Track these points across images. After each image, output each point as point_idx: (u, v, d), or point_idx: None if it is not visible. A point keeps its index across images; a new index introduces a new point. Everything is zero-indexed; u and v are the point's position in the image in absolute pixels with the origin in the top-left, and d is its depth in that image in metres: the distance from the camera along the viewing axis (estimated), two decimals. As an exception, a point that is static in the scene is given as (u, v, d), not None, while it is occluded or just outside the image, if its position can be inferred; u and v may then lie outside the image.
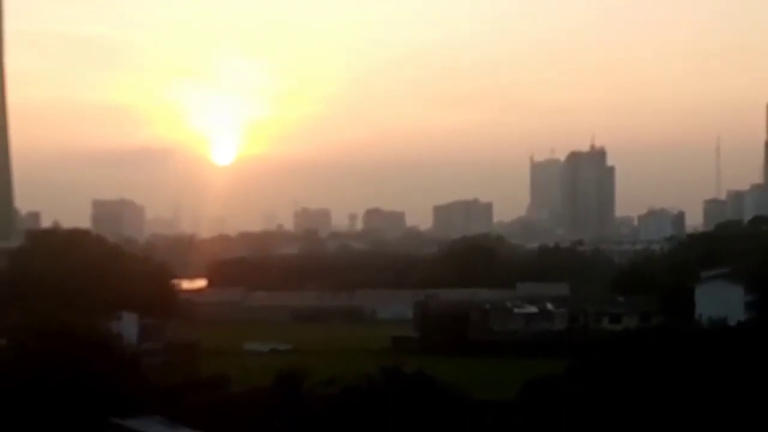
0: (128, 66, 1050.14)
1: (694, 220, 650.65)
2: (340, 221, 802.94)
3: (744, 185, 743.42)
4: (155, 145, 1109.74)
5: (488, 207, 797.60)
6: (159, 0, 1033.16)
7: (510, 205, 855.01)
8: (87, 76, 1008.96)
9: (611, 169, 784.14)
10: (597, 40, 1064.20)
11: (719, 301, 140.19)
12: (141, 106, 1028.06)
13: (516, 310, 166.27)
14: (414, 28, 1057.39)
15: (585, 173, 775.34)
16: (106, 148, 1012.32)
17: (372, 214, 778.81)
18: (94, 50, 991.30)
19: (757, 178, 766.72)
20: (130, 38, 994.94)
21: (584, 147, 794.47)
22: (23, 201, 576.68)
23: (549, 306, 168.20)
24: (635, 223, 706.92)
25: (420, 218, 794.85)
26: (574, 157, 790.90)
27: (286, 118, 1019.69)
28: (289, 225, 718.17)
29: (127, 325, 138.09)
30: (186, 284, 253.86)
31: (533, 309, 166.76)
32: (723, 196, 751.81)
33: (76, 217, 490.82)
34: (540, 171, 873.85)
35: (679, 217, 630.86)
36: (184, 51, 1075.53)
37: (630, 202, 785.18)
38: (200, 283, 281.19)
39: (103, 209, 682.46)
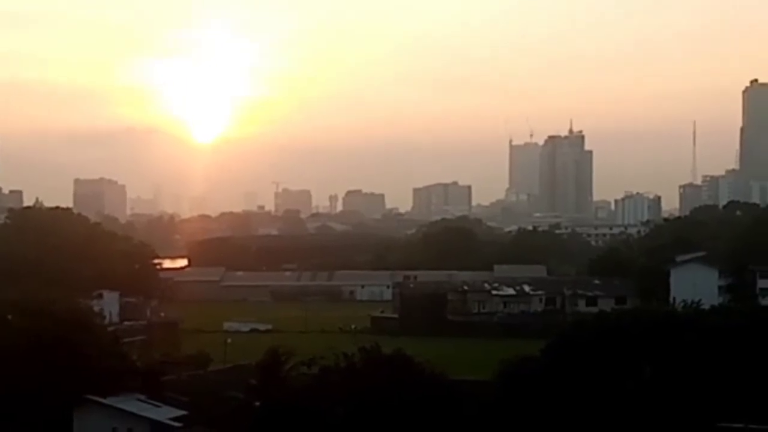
0: (111, 46, 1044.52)
1: (671, 205, 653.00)
2: (320, 202, 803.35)
3: (720, 171, 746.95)
4: (138, 126, 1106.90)
5: (467, 190, 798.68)
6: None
7: (488, 188, 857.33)
8: (70, 56, 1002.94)
9: (589, 154, 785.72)
10: (575, 27, 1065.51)
11: (694, 284, 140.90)
12: (124, 87, 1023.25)
13: (494, 292, 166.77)
14: (395, 17, 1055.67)
15: (563, 157, 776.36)
16: (89, 128, 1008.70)
17: (352, 195, 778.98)
18: (77, 30, 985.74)
19: (733, 164, 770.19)
20: (113, 18, 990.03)
21: (563, 131, 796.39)
22: (5, 180, 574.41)
23: (526, 288, 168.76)
24: (612, 207, 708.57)
25: (399, 200, 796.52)
26: (553, 141, 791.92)
27: (268, 99, 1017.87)
28: (270, 206, 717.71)
29: (109, 304, 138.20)
30: (167, 263, 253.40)
31: (511, 291, 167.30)
32: (699, 181, 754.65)
33: (58, 196, 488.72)
34: (518, 154, 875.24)
35: (656, 202, 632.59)
36: (168, 31, 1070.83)
37: (607, 186, 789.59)
38: (181, 262, 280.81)
39: (84, 188, 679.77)
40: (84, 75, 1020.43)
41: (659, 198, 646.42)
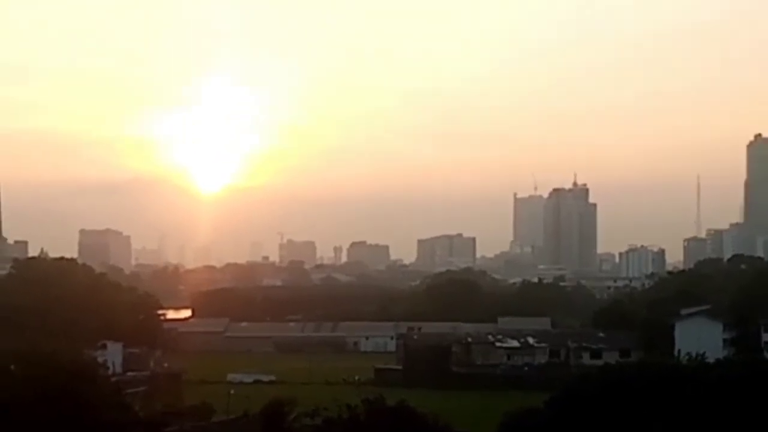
0: (117, 97, 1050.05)
1: (675, 258, 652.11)
2: (325, 254, 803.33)
3: (724, 224, 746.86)
4: (144, 176, 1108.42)
5: (471, 242, 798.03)
6: (147, 31, 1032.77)
7: (493, 240, 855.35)
8: (76, 107, 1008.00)
9: (593, 206, 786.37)
10: (579, 81, 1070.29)
11: (699, 337, 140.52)
12: (130, 137, 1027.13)
13: (498, 344, 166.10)
14: (399, 71, 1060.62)
15: (567, 210, 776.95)
16: (95, 178, 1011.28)
17: (356, 246, 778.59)
18: (82, 82, 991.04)
19: (737, 218, 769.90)
20: (118, 69, 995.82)
21: (567, 184, 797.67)
22: (10, 230, 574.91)
23: (530, 340, 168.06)
24: (617, 259, 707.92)
25: (404, 252, 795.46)
26: (557, 193, 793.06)
27: (273, 151, 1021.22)
28: (274, 256, 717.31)
29: (112, 354, 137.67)
30: (171, 314, 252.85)
31: (515, 343, 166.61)
32: (703, 235, 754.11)
33: (64, 246, 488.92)
34: (523, 207, 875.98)
35: (660, 255, 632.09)
36: (173, 82, 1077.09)
37: (612, 238, 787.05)
38: (185, 313, 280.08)
39: (89, 239, 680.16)
40: (90, 126, 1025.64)
41: (663, 251, 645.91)
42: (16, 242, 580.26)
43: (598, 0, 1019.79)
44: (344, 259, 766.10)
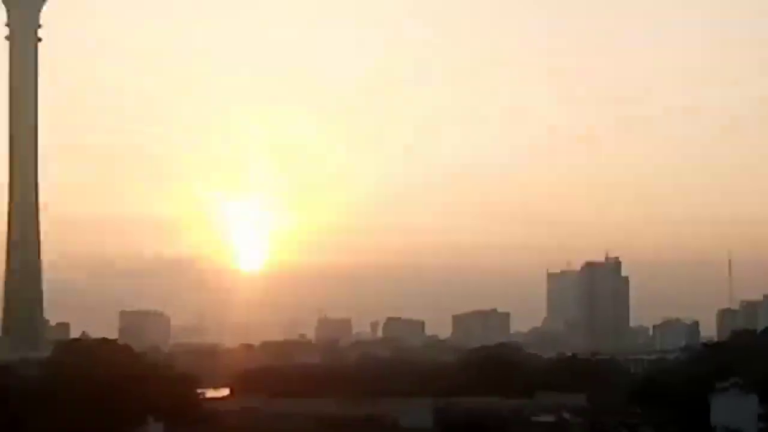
0: (156, 177, 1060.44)
1: (709, 330, 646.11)
2: (361, 329, 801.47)
3: (757, 296, 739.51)
4: (183, 255, 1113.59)
5: (506, 317, 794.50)
6: (181, 113, 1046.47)
7: (527, 314, 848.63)
8: (115, 189, 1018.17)
9: (626, 280, 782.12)
10: (608, 157, 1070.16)
11: (734, 411, 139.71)
12: (168, 218, 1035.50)
13: (534, 419, 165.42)
14: (432, 148, 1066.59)
15: (600, 284, 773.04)
16: (136, 258, 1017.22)
17: (393, 322, 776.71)
18: (119, 163, 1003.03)
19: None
20: (157, 148, 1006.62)
21: (599, 259, 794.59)
22: (52, 312, 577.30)
23: (566, 415, 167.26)
24: (650, 332, 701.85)
25: (439, 327, 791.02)
26: (590, 267, 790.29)
27: (310, 228, 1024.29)
28: (311, 334, 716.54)
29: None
30: (210, 392, 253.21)
31: (551, 418, 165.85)
32: (736, 306, 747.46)
33: (104, 327, 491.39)
34: (556, 282, 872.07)
35: (694, 327, 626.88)
36: (212, 161, 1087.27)
37: (645, 312, 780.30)
38: (224, 391, 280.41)
39: (129, 319, 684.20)
40: (128, 207, 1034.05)
41: (697, 323, 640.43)
42: (57, 324, 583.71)
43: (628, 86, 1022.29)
44: (380, 334, 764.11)
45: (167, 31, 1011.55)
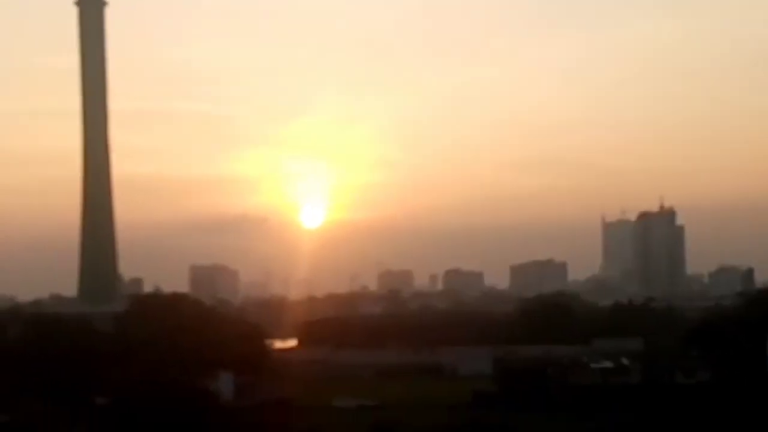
0: (223, 139, 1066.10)
1: (764, 276, 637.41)
2: (421, 281, 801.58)
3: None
4: (250, 213, 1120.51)
5: (562, 266, 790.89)
6: (249, 74, 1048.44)
7: (583, 264, 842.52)
8: (186, 151, 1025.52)
9: (681, 228, 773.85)
10: (659, 101, 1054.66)
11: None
12: (235, 177, 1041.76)
13: (593, 365, 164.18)
14: (489, 103, 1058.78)
15: (655, 233, 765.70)
16: (204, 217, 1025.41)
17: (452, 274, 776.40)
18: (190, 126, 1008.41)
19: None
20: (226, 113, 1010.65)
21: (654, 207, 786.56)
22: (126, 267, 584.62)
23: (624, 360, 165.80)
24: (705, 280, 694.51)
25: (497, 278, 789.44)
26: (644, 217, 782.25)
27: (370, 185, 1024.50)
28: (373, 286, 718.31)
29: (224, 383, 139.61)
30: (277, 344, 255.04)
31: (609, 364, 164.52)
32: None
33: (176, 281, 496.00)
34: (611, 231, 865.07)
35: (749, 274, 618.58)
36: (277, 123, 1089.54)
37: (700, 259, 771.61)
38: (291, 342, 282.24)
39: (199, 274, 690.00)
40: (199, 167, 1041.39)
41: (752, 270, 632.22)
42: (131, 279, 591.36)
43: (672, 27, 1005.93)
44: (440, 286, 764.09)
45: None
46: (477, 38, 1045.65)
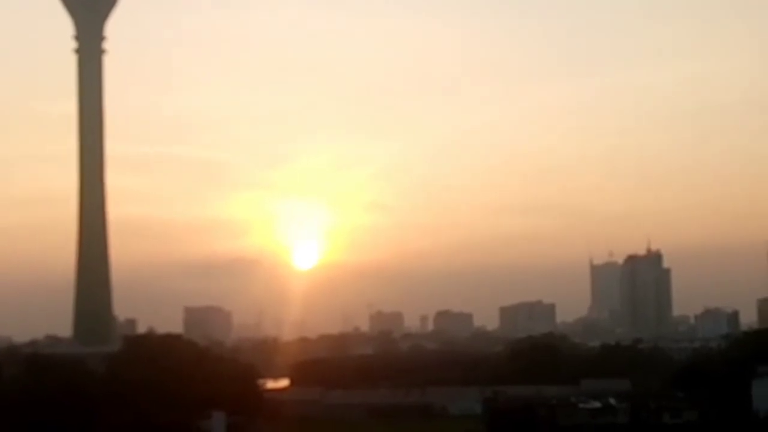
0: (218, 183, 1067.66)
1: (749, 319, 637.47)
2: (412, 323, 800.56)
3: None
4: (243, 255, 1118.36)
5: (551, 308, 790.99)
6: (239, 119, 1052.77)
7: (572, 305, 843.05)
8: (180, 193, 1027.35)
9: (667, 271, 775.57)
10: (649, 148, 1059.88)
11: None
12: (229, 220, 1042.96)
13: (581, 405, 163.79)
14: (479, 149, 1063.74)
15: (642, 275, 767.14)
16: (199, 258, 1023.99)
17: (442, 315, 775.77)
18: (187, 170, 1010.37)
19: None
20: (220, 158, 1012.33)
21: (641, 250, 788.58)
22: (121, 309, 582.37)
23: (612, 401, 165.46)
24: (692, 321, 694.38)
25: (487, 319, 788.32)
26: (632, 260, 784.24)
27: (362, 227, 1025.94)
28: (365, 327, 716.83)
29: (217, 423, 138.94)
30: (270, 384, 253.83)
31: (597, 404, 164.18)
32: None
33: (169, 322, 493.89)
34: (599, 273, 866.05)
35: (734, 316, 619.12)
36: (271, 167, 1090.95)
37: (686, 302, 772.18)
38: (283, 382, 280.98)
39: (193, 315, 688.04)
40: (193, 211, 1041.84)
41: (737, 312, 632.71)
42: (126, 320, 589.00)
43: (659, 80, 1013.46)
44: (430, 327, 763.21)
45: (229, 40, 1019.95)
46: (470, 85, 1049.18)
